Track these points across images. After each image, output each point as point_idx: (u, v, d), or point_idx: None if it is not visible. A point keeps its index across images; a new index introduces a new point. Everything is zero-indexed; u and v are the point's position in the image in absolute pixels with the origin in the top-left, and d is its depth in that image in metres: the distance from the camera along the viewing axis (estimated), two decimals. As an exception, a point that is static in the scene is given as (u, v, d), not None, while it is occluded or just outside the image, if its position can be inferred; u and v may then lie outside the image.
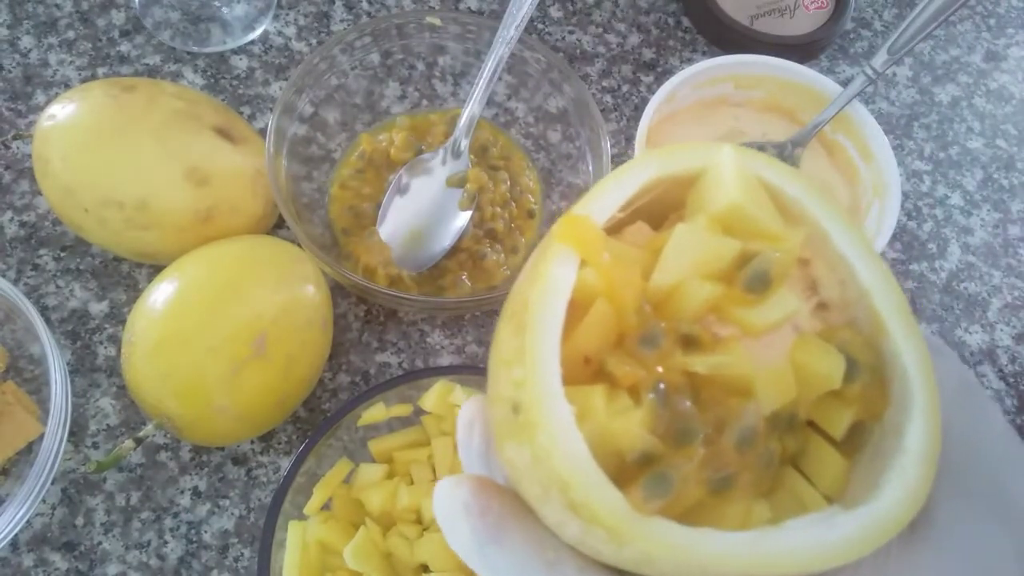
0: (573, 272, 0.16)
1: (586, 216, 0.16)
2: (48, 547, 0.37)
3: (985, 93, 0.56)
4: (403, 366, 0.43)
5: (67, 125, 0.37)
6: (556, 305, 0.15)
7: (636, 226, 0.18)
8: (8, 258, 0.42)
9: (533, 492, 0.15)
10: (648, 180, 0.17)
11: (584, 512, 0.14)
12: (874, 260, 0.17)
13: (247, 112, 0.47)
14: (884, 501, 0.15)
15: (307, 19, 0.51)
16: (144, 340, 0.34)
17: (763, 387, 0.16)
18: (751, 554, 0.14)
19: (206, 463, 0.39)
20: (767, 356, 0.16)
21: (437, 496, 0.16)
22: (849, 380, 0.16)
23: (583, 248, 0.16)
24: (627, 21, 0.54)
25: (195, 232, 0.38)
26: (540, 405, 0.15)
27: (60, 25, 0.48)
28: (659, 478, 0.15)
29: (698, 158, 0.17)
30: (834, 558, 0.15)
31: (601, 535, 0.14)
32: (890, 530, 0.15)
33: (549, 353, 0.15)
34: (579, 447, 0.14)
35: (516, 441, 0.15)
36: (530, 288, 0.16)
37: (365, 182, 0.44)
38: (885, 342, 0.17)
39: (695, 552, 0.14)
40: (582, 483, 0.14)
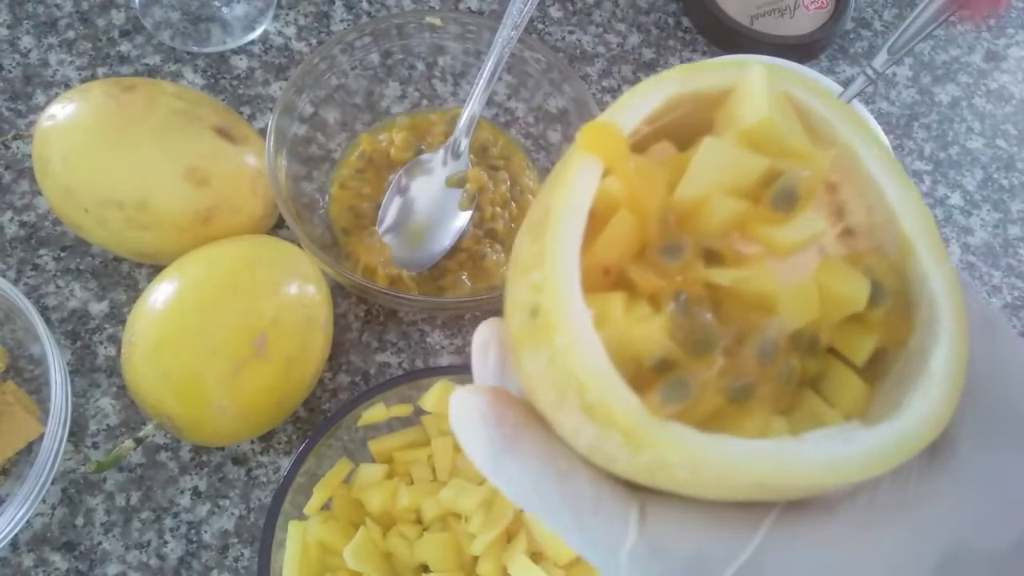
0: (596, 180, 0.15)
1: (611, 123, 0.16)
2: (48, 547, 0.37)
3: (985, 93, 0.56)
4: (403, 366, 0.43)
5: (67, 125, 0.37)
6: (577, 210, 0.15)
7: (661, 144, 0.17)
8: (8, 258, 0.42)
9: (549, 399, 0.15)
10: (675, 93, 0.17)
11: (599, 414, 0.14)
12: (904, 183, 0.17)
13: (247, 112, 0.47)
14: (905, 419, 0.15)
15: (307, 19, 0.51)
16: (144, 340, 0.34)
17: (786, 304, 0.15)
18: (768, 462, 0.14)
19: (206, 463, 0.39)
20: (791, 275, 0.16)
21: (453, 405, 0.16)
22: (873, 304, 0.16)
23: (607, 156, 0.16)
24: (627, 21, 0.54)
25: (195, 232, 0.38)
26: (558, 307, 0.14)
27: (60, 25, 0.48)
28: (677, 383, 0.15)
29: (727, 75, 0.17)
30: (852, 472, 0.14)
31: (616, 439, 0.14)
32: (910, 448, 0.15)
33: (569, 256, 0.15)
34: (596, 349, 0.14)
35: (533, 347, 0.15)
36: (551, 195, 0.15)
37: (365, 182, 0.44)
38: (912, 265, 0.16)
39: (711, 457, 0.14)
40: (598, 384, 0.14)
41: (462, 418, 0.16)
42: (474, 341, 0.18)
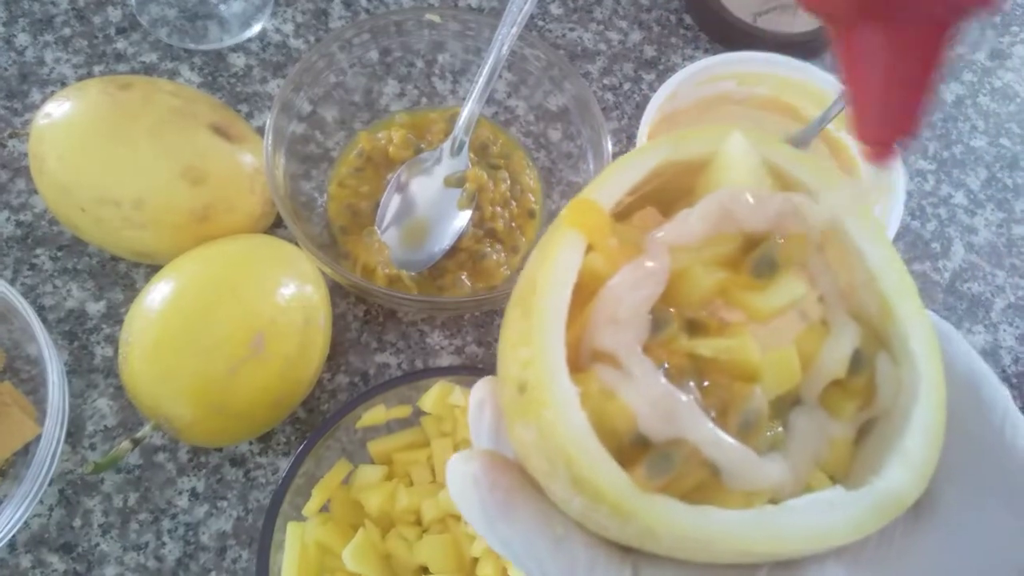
0: (580, 256, 0.16)
1: (594, 201, 0.17)
2: (46, 548, 0.37)
3: (989, 91, 0.56)
4: (402, 366, 0.43)
5: (63, 123, 0.37)
6: (562, 288, 0.16)
7: (646, 211, 0.18)
8: (5, 258, 0.42)
9: (541, 468, 0.16)
10: (657, 165, 0.17)
11: (588, 488, 0.15)
12: (883, 244, 0.17)
13: (245, 110, 0.47)
14: (887, 481, 0.15)
15: (305, 16, 0.50)
16: (141, 340, 0.34)
17: (768, 372, 0.16)
18: (753, 531, 0.14)
19: (204, 464, 0.39)
20: (773, 342, 0.16)
21: (449, 470, 0.17)
22: (854, 372, 0.16)
23: (590, 232, 0.16)
24: (629, 18, 0.53)
25: (192, 231, 0.38)
26: (545, 383, 0.15)
27: (56, 23, 0.48)
28: (662, 457, 0.15)
29: (707, 143, 0.18)
30: (836, 537, 0.15)
31: (605, 511, 0.15)
32: (892, 510, 0.15)
33: (555, 335, 0.15)
34: (582, 425, 0.15)
35: (523, 419, 0.16)
36: (538, 271, 0.16)
37: (364, 181, 0.44)
38: (892, 326, 0.17)
39: (697, 528, 0.14)
40: (585, 459, 0.14)
41: (457, 482, 0.16)
42: (470, 401, 0.19)
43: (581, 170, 0.44)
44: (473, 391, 0.18)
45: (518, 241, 0.44)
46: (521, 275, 0.18)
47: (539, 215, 0.45)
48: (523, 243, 0.44)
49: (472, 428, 0.19)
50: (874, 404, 0.17)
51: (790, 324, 0.17)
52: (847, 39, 0.15)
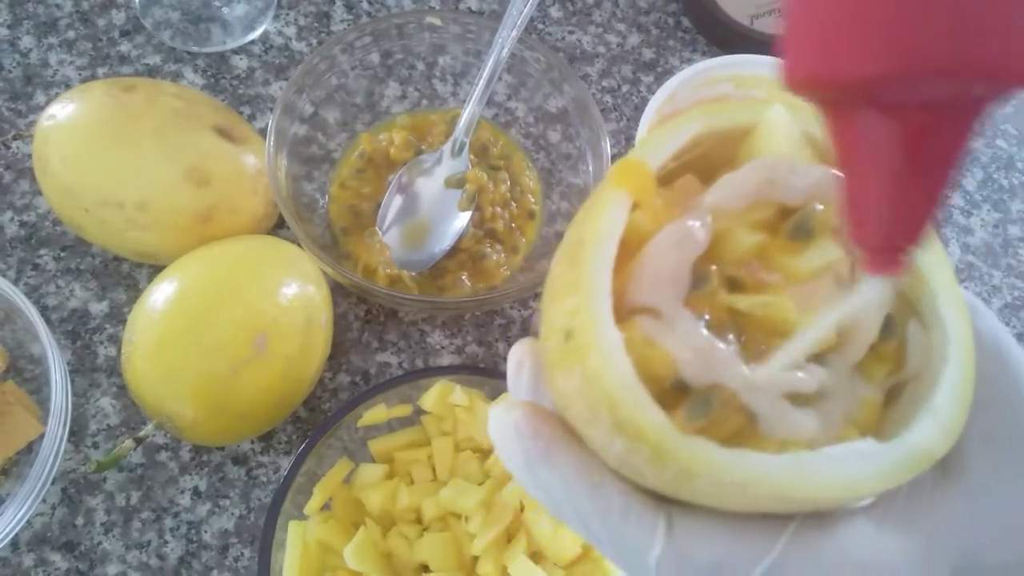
0: (626, 213, 0.17)
1: (641, 161, 0.17)
2: (48, 547, 0.37)
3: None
4: (403, 366, 0.43)
5: (67, 125, 0.37)
6: (610, 240, 0.16)
7: (687, 178, 0.18)
8: (8, 258, 0.42)
9: (581, 415, 0.16)
10: (700, 131, 0.18)
11: (630, 429, 0.15)
12: None
13: (247, 112, 0.47)
14: (916, 435, 0.16)
15: (307, 19, 0.51)
16: (144, 340, 0.34)
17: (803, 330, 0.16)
18: (788, 475, 0.15)
19: (206, 463, 0.39)
20: (809, 303, 0.17)
21: (492, 418, 0.17)
22: (885, 337, 0.17)
23: (637, 191, 0.17)
24: (627, 21, 0.54)
25: (195, 232, 0.38)
26: (592, 329, 0.15)
27: (60, 25, 0.48)
28: (701, 401, 0.16)
29: (748, 113, 0.18)
30: (867, 486, 0.15)
31: (645, 453, 0.15)
32: (921, 464, 0.15)
33: (601, 283, 0.16)
34: (627, 369, 0.15)
35: (567, 367, 0.16)
36: (584, 226, 0.17)
37: (365, 182, 0.44)
38: (924, 293, 0.17)
39: (734, 470, 0.15)
40: (629, 401, 0.15)
41: (499, 431, 0.17)
42: (509, 360, 0.19)
43: (580, 171, 0.44)
44: (512, 352, 0.19)
45: (518, 241, 0.44)
46: (566, 234, 0.18)
47: (539, 216, 0.45)
48: (523, 243, 0.44)
49: (511, 385, 0.19)
50: (903, 369, 0.17)
51: (826, 287, 0.17)
52: (845, 126, 0.13)
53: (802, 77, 0.13)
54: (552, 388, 0.17)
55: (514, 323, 0.45)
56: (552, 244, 0.44)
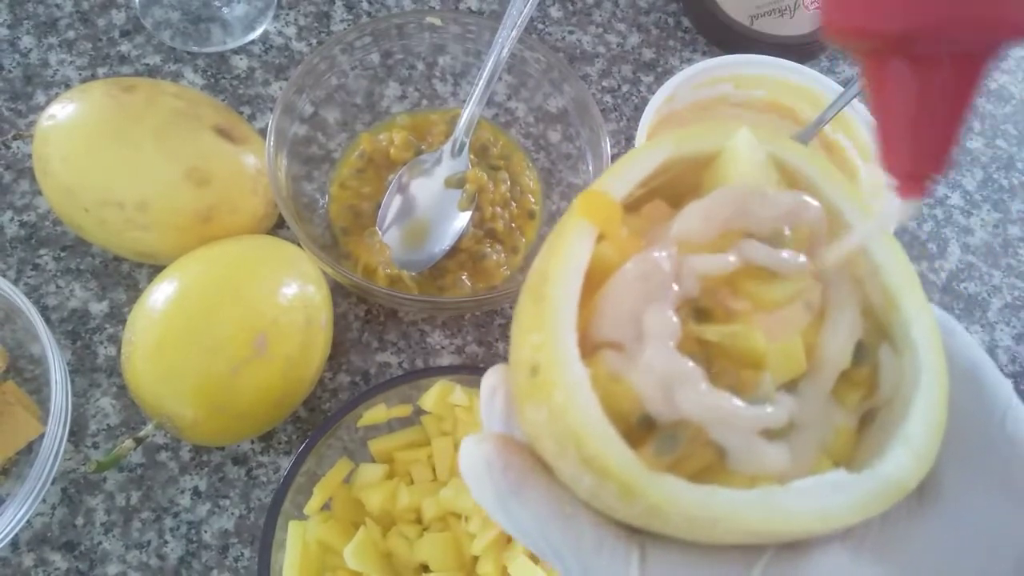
0: (591, 245, 0.17)
1: (605, 192, 0.17)
2: (48, 547, 0.37)
3: (985, 93, 0.56)
4: (403, 366, 0.43)
5: (67, 125, 0.37)
6: (574, 275, 0.16)
7: (654, 204, 0.18)
8: (8, 258, 0.42)
9: (550, 449, 0.16)
10: (665, 159, 0.18)
11: (597, 466, 0.15)
12: (886, 237, 0.17)
13: (247, 112, 0.47)
14: (889, 465, 0.15)
15: (307, 19, 0.51)
16: (144, 340, 0.34)
17: (773, 360, 0.16)
18: (758, 510, 0.15)
19: (206, 463, 0.39)
20: (779, 331, 0.17)
21: (463, 452, 0.17)
22: (857, 363, 0.17)
23: (601, 222, 0.17)
24: (627, 21, 0.54)
25: (195, 232, 0.38)
26: (557, 366, 0.15)
27: (60, 25, 0.48)
28: (667, 437, 0.15)
29: (714, 139, 0.18)
30: (840, 518, 0.15)
31: (613, 489, 0.15)
32: (895, 494, 0.15)
33: (566, 318, 0.16)
34: (592, 405, 0.15)
35: (535, 401, 0.16)
36: (549, 260, 0.17)
37: (365, 182, 0.44)
38: (895, 317, 0.17)
39: (703, 506, 0.15)
40: (595, 438, 0.15)
41: (470, 464, 0.17)
42: (482, 387, 0.19)
43: (580, 171, 0.44)
44: (485, 377, 0.19)
45: (518, 241, 0.44)
46: (533, 265, 0.18)
47: (539, 216, 0.45)
48: (523, 243, 0.44)
49: (484, 413, 0.19)
50: (876, 395, 0.17)
51: (796, 315, 0.17)
52: (877, 71, 0.15)
53: (843, 28, 0.15)
54: (521, 420, 0.17)
55: (514, 323, 0.45)
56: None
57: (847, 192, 0.18)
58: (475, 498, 0.17)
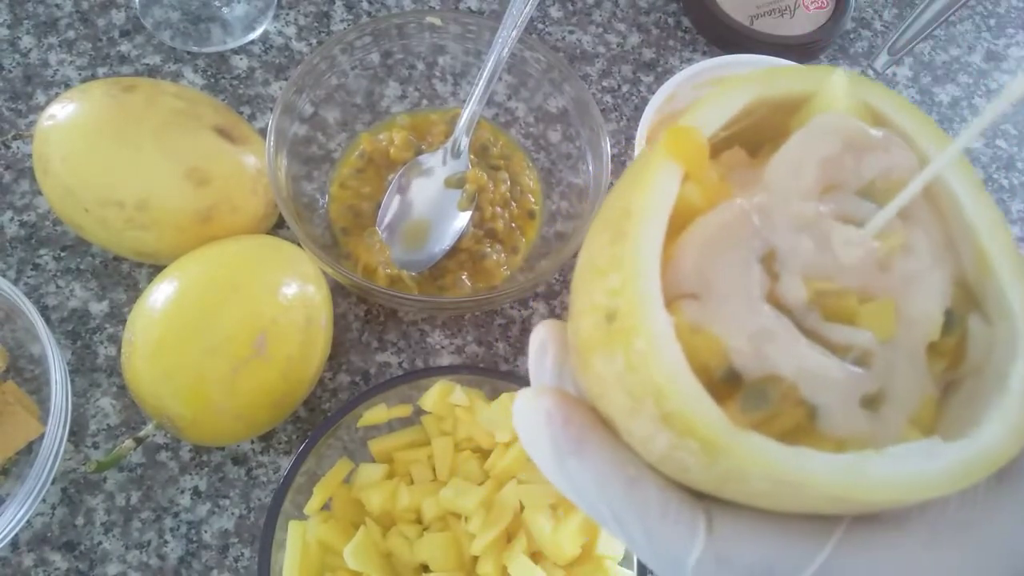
0: (676, 185, 0.15)
1: (695, 129, 0.16)
2: (48, 547, 0.37)
3: (985, 93, 0.56)
4: (403, 366, 0.43)
5: (67, 125, 0.37)
6: (660, 214, 0.15)
7: (733, 151, 0.17)
8: (8, 258, 0.42)
9: (620, 404, 0.15)
10: (753, 98, 0.16)
11: (678, 423, 0.14)
12: (983, 197, 0.16)
13: (247, 112, 0.47)
14: (985, 437, 0.15)
15: (307, 19, 0.51)
16: (144, 340, 0.34)
17: (865, 319, 0.15)
18: (850, 476, 0.14)
19: (206, 463, 0.39)
20: (871, 291, 0.15)
21: (518, 406, 0.16)
22: (946, 332, 0.16)
23: (689, 162, 0.15)
24: (627, 21, 0.54)
25: (196, 232, 0.38)
26: (639, 311, 0.14)
27: (60, 25, 0.48)
28: (757, 393, 0.14)
29: (807, 80, 0.17)
30: (930, 488, 0.14)
31: (693, 448, 0.14)
32: (990, 465, 0.14)
33: (651, 261, 0.14)
34: (678, 357, 0.14)
35: (607, 351, 0.15)
36: (632, 196, 0.15)
37: (365, 182, 0.44)
38: (990, 282, 0.16)
39: (792, 469, 0.14)
40: (679, 393, 0.14)
41: (526, 418, 0.16)
42: (531, 341, 0.18)
43: (580, 171, 0.44)
44: (535, 332, 0.17)
45: (518, 241, 0.44)
46: (605, 205, 0.17)
47: (539, 216, 0.45)
48: (523, 243, 0.44)
49: (533, 370, 0.18)
50: (962, 364, 0.16)
51: (888, 275, 0.16)
52: None
53: None
54: (584, 373, 0.16)
55: (514, 323, 0.45)
56: (552, 244, 0.44)
57: (944, 146, 0.16)
58: (530, 455, 0.16)
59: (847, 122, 0.16)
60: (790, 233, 0.15)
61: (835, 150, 0.15)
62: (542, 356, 0.17)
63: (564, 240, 0.43)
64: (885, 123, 0.17)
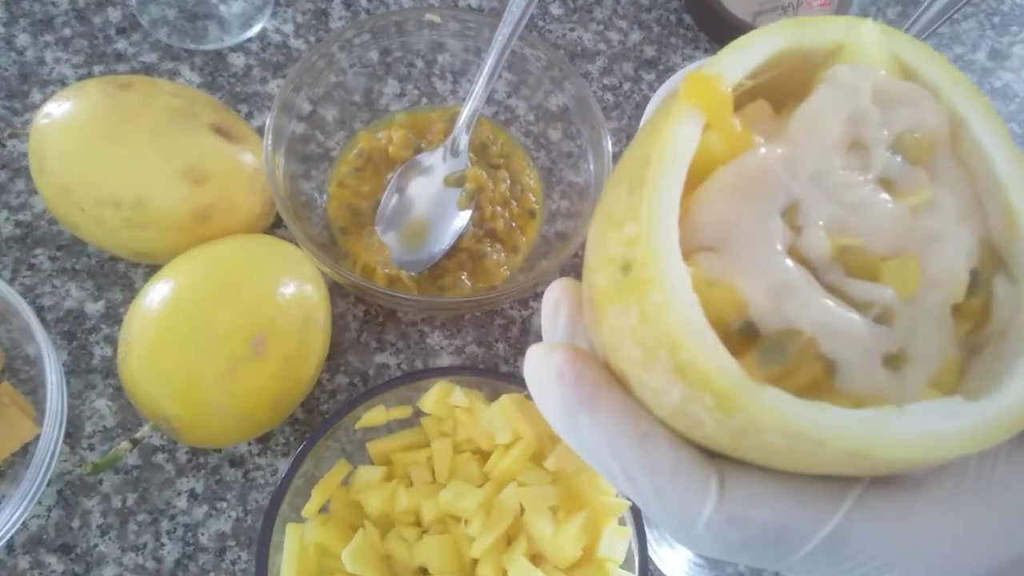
0: (698, 133, 0.15)
1: (718, 75, 0.15)
2: (44, 549, 0.37)
3: (989, 91, 0.56)
4: (402, 367, 0.43)
5: (63, 124, 0.37)
6: (680, 163, 0.14)
7: (757, 104, 0.17)
8: (4, 258, 0.42)
9: (634, 357, 0.15)
10: (781, 48, 0.16)
11: (693, 375, 0.14)
12: (1013, 154, 0.16)
13: (245, 110, 0.47)
14: (1008, 397, 0.14)
15: (305, 16, 0.50)
16: (140, 340, 0.34)
17: (888, 276, 0.15)
18: (871, 431, 0.13)
19: (203, 465, 0.39)
20: (896, 247, 0.15)
21: (530, 360, 0.16)
22: (970, 293, 0.15)
23: (711, 110, 0.15)
24: (628, 18, 0.53)
25: (192, 231, 0.38)
26: (655, 261, 0.14)
27: (56, 23, 0.48)
28: (775, 346, 0.14)
29: (836, 31, 0.16)
30: (951, 447, 0.14)
31: (707, 401, 0.14)
32: (1012, 427, 0.14)
33: (668, 211, 0.14)
34: (694, 309, 0.14)
35: (622, 302, 0.15)
36: (650, 145, 0.15)
37: (364, 180, 0.44)
38: (1017, 241, 0.15)
39: (810, 424, 0.13)
40: (695, 344, 0.13)
41: (538, 373, 0.15)
42: (545, 299, 0.17)
43: (581, 170, 0.44)
44: (549, 289, 0.17)
45: (518, 241, 0.44)
46: (626, 153, 0.16)
47: (539, 215, 0.45)
48: (523, 243, 0.44)
49: (546, 327, 0.17)
50: (987, 326, 0.16)
51: (914, 232, 0.15)
52: None
53: None
54: (598, 328, 0.16)
55: (514, 323, 0.44)
56: (552, 244, 0.43)
57: (977, 103, 0.16)
58: (540, 410, 0.16)
59: (875, 74, 0.15)
60: (814, 186, 0.15)
61: (862, 103, 0.15)
62: (556, 313, 0.17)
63: (564, 239, 0.42)
64: (915, 77, 0.16)
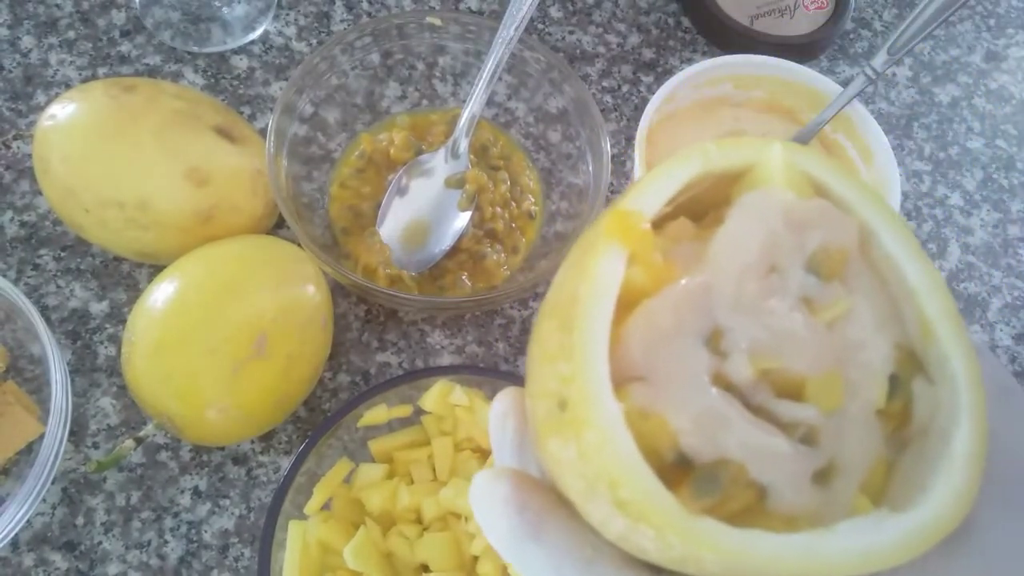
0: (621, 269, 0.15)
1: (636, 211, 0.16)
2: (48, 547, 0.37)
3: (985, 93, 0.56)
4: (403, 366, 0.43)
5: (67, 125, 0.37)
6: (606, 303, 0.15)
7: (679, 222, 0.17)
8: (8, 258, 0.42)
9: (576, 488, 0.15)
10: (695, 174, 0.17)
11: (632, 510, 0.14)
12: (922, 261, 0.17)
13: (247, 112, 0.47)
14: (932, 504, 0.15)
15: (307, 19, 0.51)
16: (144, 340, 0.34)
17: (813, 393, 0.15)
18: (803, 556, 0.14)
19: (206, 463, 0.39)
20: (818, 363, 0.16)
21: (475, 489, 0.16)
22: (892, 397, 0.16)
23: (633, 245, 0.16)
24: (627, 21, 0.54)
25: (196, 232, 0.38)
26: (589, 403, 0.14)
27: (60, 25, 0.48)
28: (708, 477, 0.15)
29: (746, 153, 0.17)
30: (885, 560, 0.14)
31: (648, 534, 0.14)
32: (939, 533, 0.15)
33: (599, 352, 0.15)
34: (629, 446, 0.14)
35: (561, 437, 0.15)
36: (578, 283, 0.16)
37: (365, 182, 0.44)
38: (932, 346, 0.16)
39: (746, 553, 0.14)
40: (631, 481, 0.14)
41: (483, 503, 0.16)
42: (492, 411, 0.18)
43: (580, 171, 0.44)
44: (495, 402, 0.18)
45: (518, 242, 0.44)
46: (553, 286, 0.17)
47: (539, 216, 0.45)
48: (523, 243, 0.44)
49: (494, 441, 0.18)
50: (908, 427, 0.16)
51: (833, 345, 0.16)
52: None
53: None
54: (542, 452, 0.16)
55: (514, 323, 0.45)
56: (552, 244, 0.44)
57: (885, 214, 0.17)
58: (488, 538, 0.16)
59: (781, 197, 0.16)
60: (734, 313, 0.15)
61: (774, 228, 0.16)
62: (503, 429, 0.18)
63: (564, 240, 0.43)
64: (825, 192, 0.17)
